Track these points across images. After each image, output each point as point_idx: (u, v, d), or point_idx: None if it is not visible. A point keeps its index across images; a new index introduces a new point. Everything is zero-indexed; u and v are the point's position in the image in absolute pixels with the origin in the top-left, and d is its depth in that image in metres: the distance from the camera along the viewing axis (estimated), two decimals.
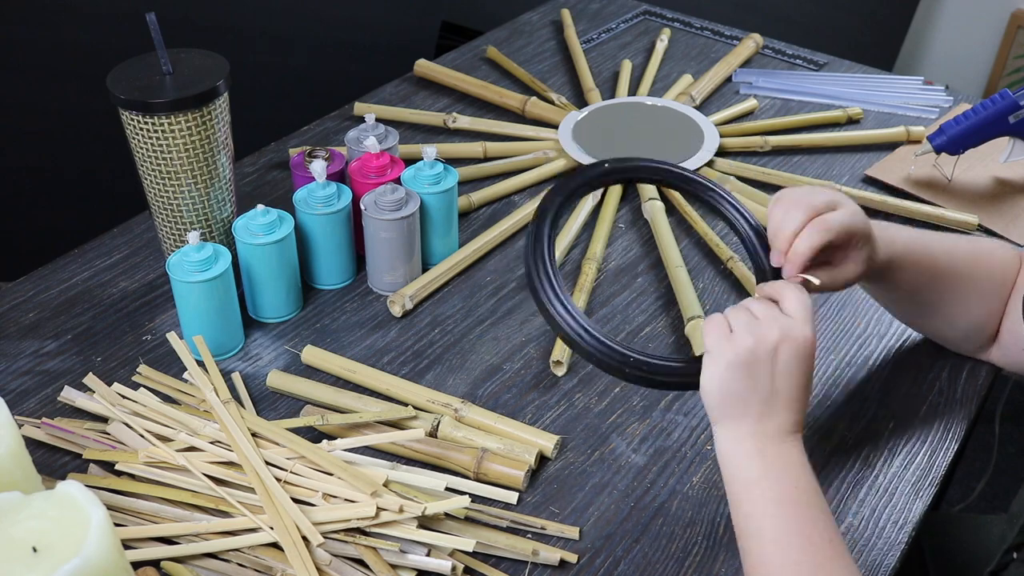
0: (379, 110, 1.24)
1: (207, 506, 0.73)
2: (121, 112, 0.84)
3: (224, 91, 0.85)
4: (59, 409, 0.83)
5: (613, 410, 0.84)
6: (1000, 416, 1.52)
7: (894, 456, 0.81)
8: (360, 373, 0.86)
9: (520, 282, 0.99)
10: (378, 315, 0.94)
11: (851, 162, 1.18)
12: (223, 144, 0.88)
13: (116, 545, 0.54)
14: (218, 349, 0.88)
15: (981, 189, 1.12)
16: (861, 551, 0.73)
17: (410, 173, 0.97)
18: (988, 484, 1.85)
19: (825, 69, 1.39)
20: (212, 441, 0.77)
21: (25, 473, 0.64)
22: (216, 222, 0.91)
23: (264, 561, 0.70)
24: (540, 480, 0.78)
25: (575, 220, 1.05)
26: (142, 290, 0.96)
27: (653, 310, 0.96)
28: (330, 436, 0.79)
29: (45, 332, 0.91)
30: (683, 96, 1.28)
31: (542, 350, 0.90)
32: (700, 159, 1.15)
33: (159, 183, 0.87)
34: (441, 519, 0.73)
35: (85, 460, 0.78)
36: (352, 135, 1.00)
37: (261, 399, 0.85)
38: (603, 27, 1.49)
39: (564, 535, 0.73)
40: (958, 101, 1.30)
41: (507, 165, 1.15)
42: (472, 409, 0.82)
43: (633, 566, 0.72)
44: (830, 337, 0.92)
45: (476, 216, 1.08)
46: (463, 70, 1.34)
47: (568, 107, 1.26)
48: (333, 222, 0.92)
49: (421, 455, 0.78)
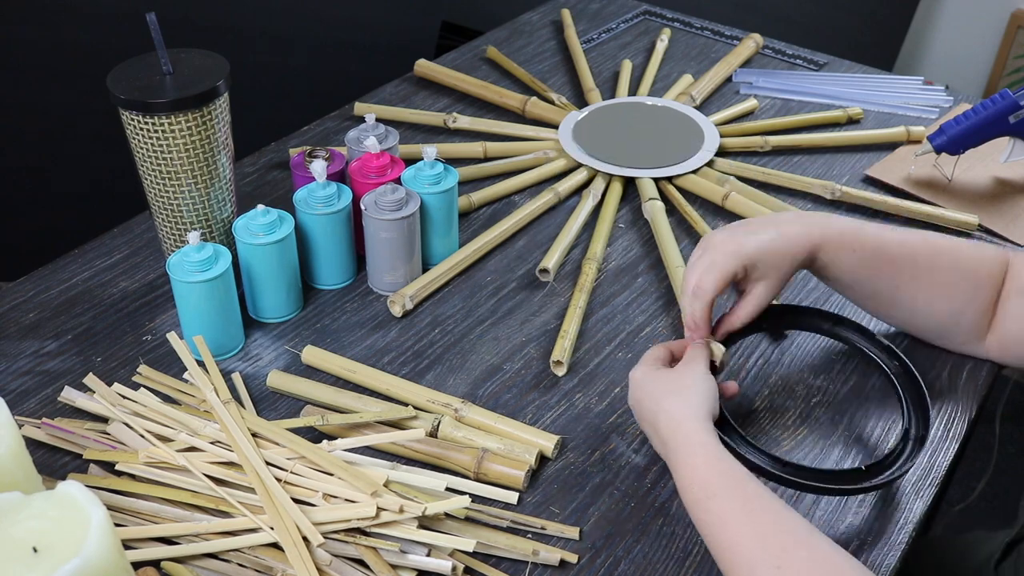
0: (379, 110, 1.24)
1: (207, 506, 0.73)
2: (121, 112, 0.84)
3: (224, 91, 0.85)
4: (59, 409, 0.83)
5: (613, 410, 0.84)
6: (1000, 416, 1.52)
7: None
8: (360, 373, 0.86)
9: (520, 282, 0.99)
10: (378, 315, 0.94)
11: (851, 162, 1.18)
12: (223, 144, 0.88)
13: (116, 545, 0.54)
14: (218, 349, 0.88)
15: (981, 189, 1.12)
16: (861, 551, 0.73)
17: (410, 173, 0.97)
18: (988, 484, 1.85)
19: (825, 69, 1.39)
20: (212, 441, 0.77)
21: (25, 473, 0.64)
22: (216, 222, 0.91)
23: (264, 561, 0.70)
24: (540, 480, 0.78)
25: (575, 220, 1.05)
26: (142, 290, 0.96)
27: (653, 310, 0.96)
28: (330, 436, 0.79)
29: (45, 332, 0.91)
30: (683, 96, 1.28)
31: (542, 350, 0.90)
32: (700, 159, 1.15)
33: (159, 183, 0.87)
34: (441, 519, 0.73)
35: (85, 460, 0.78)
36: (352, 135, 1.00)
37: (261, 399, 0.85)
38: (603, 27, 1.49)
39: (564, 535, 0.73)
40: (958, 101, 1.30)
41: (507, 165, 1.15)
42: (472, 409, 0.82)
43: (633, 566, 0.72)
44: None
45: (476, 216, 1.08)
46: (463, 70, 1.34)
47: (568, 107, 1.26)
48: (333, 222, 0.92)
49: (421, 455, 0.78)
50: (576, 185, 1.12)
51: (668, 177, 1.13)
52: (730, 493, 0.65)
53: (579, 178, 1.13)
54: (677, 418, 0.71)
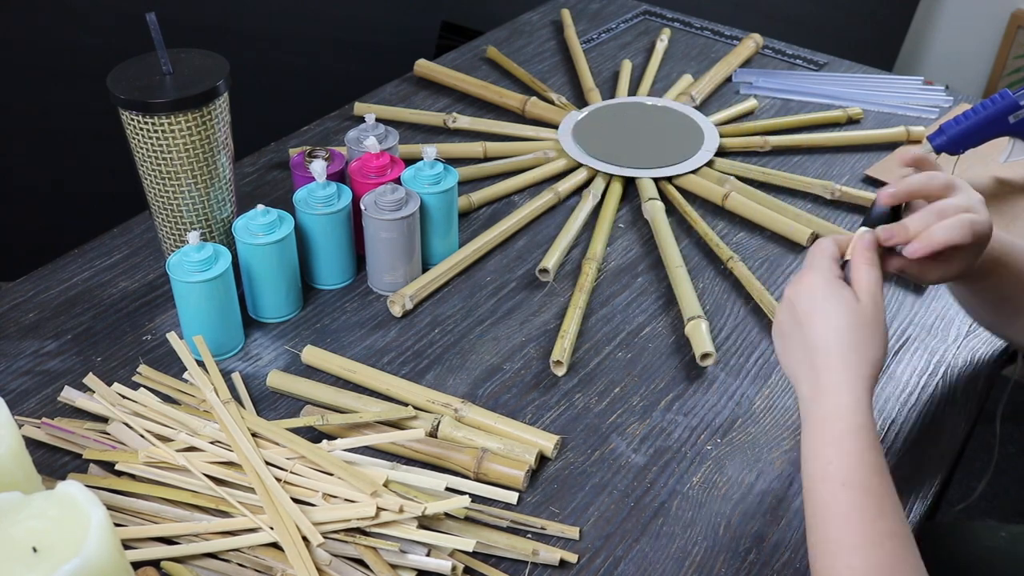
0: (379, 110, 1.24)
1: (207, 506, 0.73)
2: (121, 112, 0.84)
3: (224, 91, 0.85)
4: (59, 409, 0.83)
5: (613, 410, 0.84)
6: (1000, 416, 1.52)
7: (894, 456, 0.81)
8: (360, 373, 0.86)
9: (520, 282, 0.99)
10: (378, 315, 0.94)
11: (851, 162, 1.18)
12: (223, 144, 0.88)
13: (116, 545, 0.54)
14: (218, 349, 0.88)
15: (981, 189, 1.12)
16: None
17: (410, 173, 0.97)
18: (988, 484, 1.85)
19: (825, 69, 1.39)
20: (212, 441, 0.77)
21: (25, 473, 0.64)
22: (216, 222, 0.91)
23: (264, 561, 0.70)
24: (540, 480, 0.78)
25: (575, 220, 1.05)
26: (142, 290, 0.96)
27: (653, 310, 0.96)
28: (330, 436, 0.79)
29: (45, 332, 0.91)
30: (683, 96, 1.28)
31: (542, 350, 0.90)
32: (700, 159, 1.15)
33: (159, 183, 0.87)
34: (441, 519, 0.73)
35: (85, 460, 0.78)
36: (352, 135, 1.00)
37: (261, 399, 0.85)
38: (603, 27, 1.49)
39: (564, 535, 0.73)
40: (958, 101, 1.30)
41: (507, 165, 1.15)
42: (472, 409, 0.82)
43: (633, 566, 0.72)
44: None
45: (476, 216, 1.08)
46: (463, 70, 1.34)
47: (568, 107, 1.26)
48: (333, 222, 0.92)
49: (421, 455, 0.78)
50: (576, 185, 1.12)
51: (668, 177, 1.13)
52: (868, 492, 0.60)
53: (579, 178, 1.13)
54: (850, 378, 0.63)
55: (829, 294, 0.67)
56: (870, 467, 0.61)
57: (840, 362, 0.65)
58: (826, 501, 0.61)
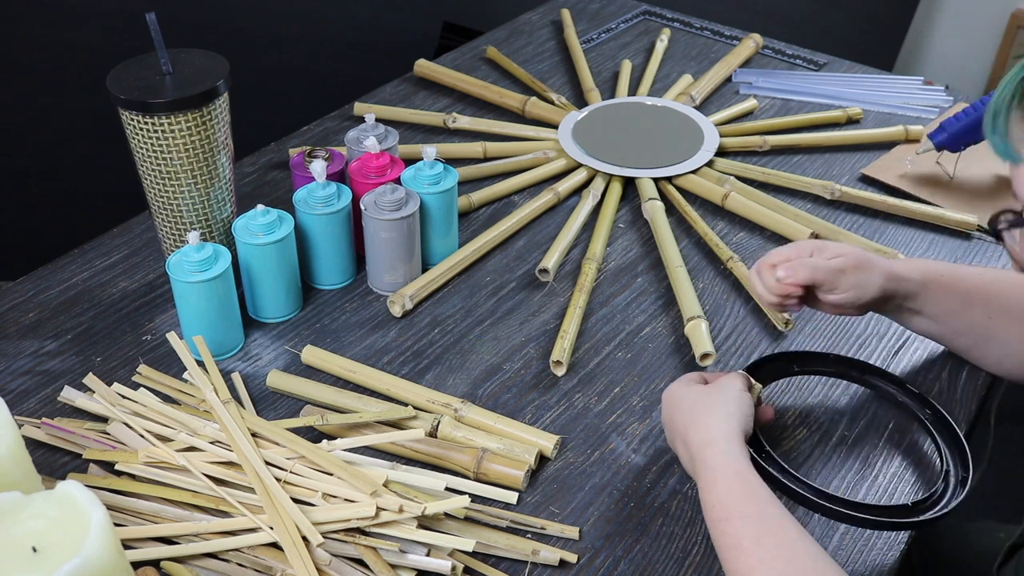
0: (379, 110, 1.24)
1: (207, 506, 0.73)
2: (121, 112, 0.84)
3: (224, 91, 0.85)
4: (59, 409, 0.83)
5: (613, 410, 0.84)
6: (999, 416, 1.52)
7: (894, 456, 0.81)
8: (360, 373, 0.86)
9: (520, 282, 0.99)
10: (378, 315, 0.94)
11: (851, 162, 1.18)
12: (223, 144, 0.88)
13: (116, 545, 0.54)
14: (218, 349, 0.88)
15: (981, 187, 1.13)
16: (861, 551, 0.73)
17: (410, 173, 0.97)
18: (988, 484, 1.84)
19: (825, 69, 1.39)
20: (212, 441, 0.77)
21: (25, 473, 0.64)
22: (216, 222, 0.91)
23: (264, 561, 0.70)
24: (540, 480, 0.78)
25: (575, 220, 1.05)
26: (142, 290, 0.96)
27: (653, 310, 0.96)
28: (330, 436, 0.79)
29: (45, 332, 0.91)
30: (683, 96, 1.28)
31: (542, 350, 0.90)
32: (700, 159, 1.15)
33: (159, 183, 0.87)
34: (441, 519, 0.73)
35: (85, 460, 0.78)
36: (352, 135, 1.00)
37: (261, 399, 0.85)
38: (603, 27, 1.49)
39: (564, 535, 0.73)
40: (958, 101, 1.30)
41: (507, 165, 1.15)
42: (472, 409, 0.82)
43: (633, 566, 0.72)
44: (830, 337, 0.92)
45: (476, 216, 1.08)
46: (463, 70, 1.34)
47: (568, 107, 1.26)
48: (333, 222, 0.92)
49: (421, 455, 0.78)
50: (576, 185, 1.12)
51: (668, 177, 1.13)
52: (745, 518, 0.64)
53: (579, 178, 1.13)
54: (707, 435, 0.70)
55: (680, 395, 0.76)
56: (742, 498, 0.66)
57: (697, 429, 0.72)
58: (718, 538, 0.66)
